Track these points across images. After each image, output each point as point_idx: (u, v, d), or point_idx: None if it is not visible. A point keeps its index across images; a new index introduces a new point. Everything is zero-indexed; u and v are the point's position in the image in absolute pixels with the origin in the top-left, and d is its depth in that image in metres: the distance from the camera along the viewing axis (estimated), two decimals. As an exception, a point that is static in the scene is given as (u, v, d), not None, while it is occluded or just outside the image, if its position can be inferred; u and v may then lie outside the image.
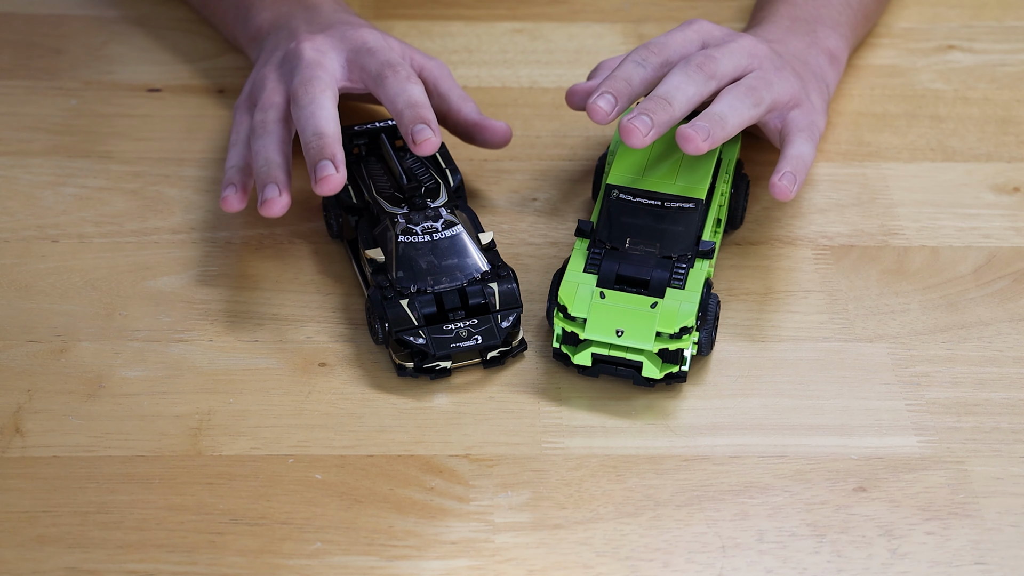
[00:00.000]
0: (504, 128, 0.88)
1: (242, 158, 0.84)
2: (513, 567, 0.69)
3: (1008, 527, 0.71)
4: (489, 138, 0.88)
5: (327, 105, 0.81)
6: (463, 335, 0.77)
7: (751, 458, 0.74)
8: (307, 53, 0.84)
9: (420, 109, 0.80)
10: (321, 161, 0.78)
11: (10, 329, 0.80)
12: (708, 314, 0.77)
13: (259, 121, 0.83)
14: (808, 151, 0.82)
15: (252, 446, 0.74)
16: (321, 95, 0.81)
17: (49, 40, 1.01)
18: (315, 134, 0.79)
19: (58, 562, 0.69)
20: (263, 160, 0.81)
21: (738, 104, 0.80)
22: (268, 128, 0.83)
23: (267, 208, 0.79)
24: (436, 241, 0.79)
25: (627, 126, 0.77)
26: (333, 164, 0.78)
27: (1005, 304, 0.83)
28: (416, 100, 0.81)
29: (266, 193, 0.80)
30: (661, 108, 0.78)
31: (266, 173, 0.81)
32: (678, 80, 0.79)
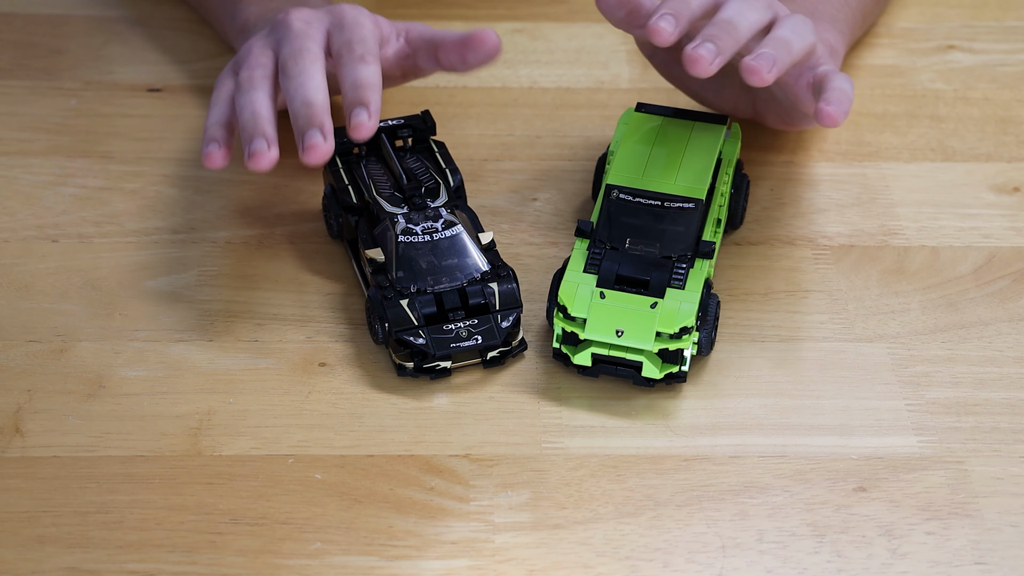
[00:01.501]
0: (492, 35, 0.83)
1: (224, 115, 0.81)
2: (513, 567, 0.70)
3: (1008, 527, 0.71)
4: (480, 46, 0.83)
5: (316, 75, 0.79)
6: (463, 335, 0.77)
7: (751, 458, 0.74)
8: (295, 24, 0.82)
9: (364, 91, 0.78)
10: (309, 130, 0.77)
11: (10, 329, 0.80)
12: (708, 314, 0.77)
13: (244, 78, 0.81)
14: (849, 87, 0.79)
15: (252, 446, 0.74)
16: (311, 66, 0.79)
17: (49, 40, 1.01)
18: (304, 103, 0.78)
19: (58, 562, 0.69)
20: (249, 113, 0.79)
21: (801, 29, 0.77)
22: (254, 83, 0.80)
23: (255, 161, 0.77)
24: (436, 241, 0.79)
25: (692, 55, 0.74)
26: (321, 133, 0.76)
27: (1005, 304, 0.83)
28: (361, 82, 0.78)
29: (253, 146, 0.77)
30: (726, 33, 0.75)
31: (252, 126, 0.78)
32: (739, 6, 0.77)
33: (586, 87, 0.98)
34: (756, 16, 0.77)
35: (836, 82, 0.79)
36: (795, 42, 0.77)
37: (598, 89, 0.98)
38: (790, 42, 0.77)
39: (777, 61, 0.75)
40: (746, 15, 0.77)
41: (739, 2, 0.77)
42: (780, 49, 0.76)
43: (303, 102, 0.78)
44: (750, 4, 0.78)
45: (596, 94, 0.98)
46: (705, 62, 0.74)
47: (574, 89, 0.98)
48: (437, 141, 0.86)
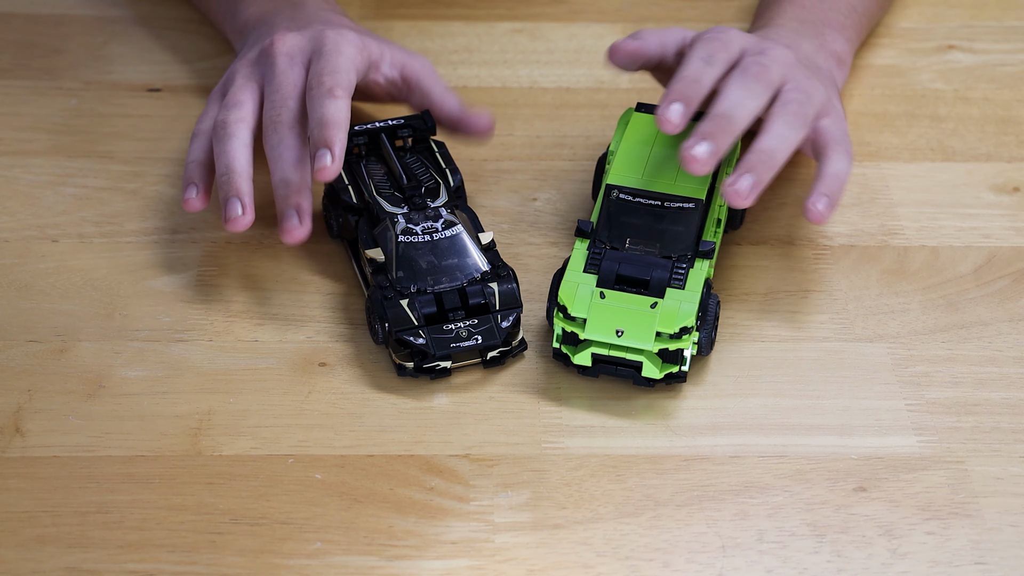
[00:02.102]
0: (486, 120, 0.87)
1: (203, 152, 0.83)
2: (513, 567, 0.70)
3: (1008, 527, 0.71)
4: (472, 130, 0.87)
5: (295, 145, 0.80)
6: (463, 335, 0.77)
7: (751, 458, 0.74)
8: (279, 61, 0.83)
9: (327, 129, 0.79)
10: (287, 210, 0.80)
11: (10, 329, 0.80)
12: (708, 314, 0.77)
13: (220, 121, 0.82)
14: (844, 167, 0.80)
15: (252, 446, 0.74)
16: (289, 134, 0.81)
17: (49, 40, 1.01)
18: (282, 181, 0.80)
19: (58, 562, 0.69)
20: (224, 167, 0.81)
21: (788, 133, 0.77)
22: (229, 130, 0.81)
23: (231, 226, 0.80)
24: (436, 241, 0.79)
25: (687, 156, 0.75)
26: (297, 214, 0.80)
27: (1005, 304, 0.83)
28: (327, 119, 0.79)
29: (227, 211, 0.80)
30: (723, 131, 0.76)
31: (227, 185, 0.80)
32: (738, 94, 0.77)
33: (586, 87, 0.98)
34: (755, 104, 0.77)
35: (831, 165, 0.79)
36: (779, 152, 0.77)
37: (598, 89, 0.98)
38: (775, 152, 0.77)
39: (757, 183, 0.76)
40: (745, 105, 0.77)
41: (739, 89, 0.77)
42: (763, 167, 0.76)
43: (281, 179, 0.80)
44: (750, 91, 0.77)
45: (596, 94, 0.98)
46: (700, 164, 0.75)
47: (574, 89, 0.98)
48: (437, 141, 0.86)
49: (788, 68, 0.80)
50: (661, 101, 0.77)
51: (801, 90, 0.79)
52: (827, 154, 0.80)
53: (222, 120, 0.82)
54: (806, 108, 0.79)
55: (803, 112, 0.79)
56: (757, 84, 0.78)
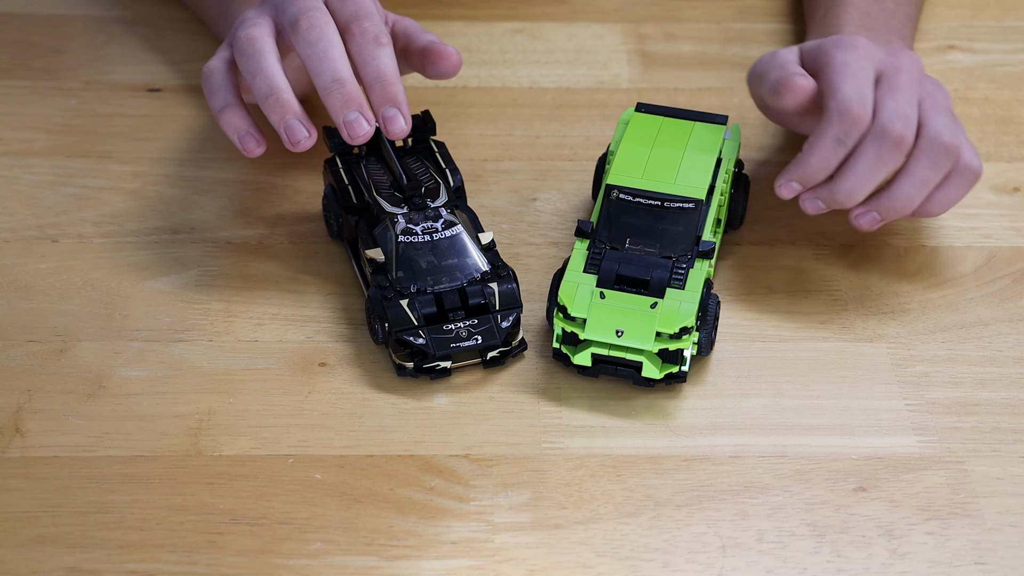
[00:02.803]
0: (453, 53, 0.83)
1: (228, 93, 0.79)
2: (513, 567, 0.69)
3: (1008, 527, 0.71)
4: (437, 63, 0.83)
5: (337, 42, 0.77)
6: (463, 335, 0.77)
7: (751, 458, 0.74)
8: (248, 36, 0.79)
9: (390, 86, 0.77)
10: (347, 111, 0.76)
11: (10, 329, 0.80)
12: (708, 314, 0.77)
13: (246, 36, 0.78)
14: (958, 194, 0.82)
15: (252, 446, 0.74)
16: (329, 30, 0.77)
17: (49, 40, 1.01)
18: (335, 80, 0.76)
19: (58, 562, 0.69)
20: (266, 86, 0.77)
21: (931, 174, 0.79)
22: (258, 45, 0.78)
23: (298, 148, 0.77)
24: (436, 241, 0.79)
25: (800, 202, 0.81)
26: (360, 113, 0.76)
27: (1005, 304, 0.83)
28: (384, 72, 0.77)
29: (293, 134, 0.76)
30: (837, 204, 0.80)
31: (278, 106, 0.76)
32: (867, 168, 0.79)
33: (586, 87, 0.98)
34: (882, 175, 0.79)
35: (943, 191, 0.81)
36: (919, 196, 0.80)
37: (598, 89, 0.98)
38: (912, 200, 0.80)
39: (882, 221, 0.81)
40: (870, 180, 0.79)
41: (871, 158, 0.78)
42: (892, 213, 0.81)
43: (332, 79, 0.76)
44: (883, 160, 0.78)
45: (596, 94, 0.98)
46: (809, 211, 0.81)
47: (574, 89, 0.98)
48: (437, 141, 0.86)
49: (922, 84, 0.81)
50: (781, 175, 0.80)
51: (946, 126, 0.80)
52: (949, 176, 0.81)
53: (247, 35, 0.78)
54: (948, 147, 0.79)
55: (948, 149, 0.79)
56: (893, 153, 0.78)
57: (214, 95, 0.80)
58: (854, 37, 0.81)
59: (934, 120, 0.79)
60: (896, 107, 0.78)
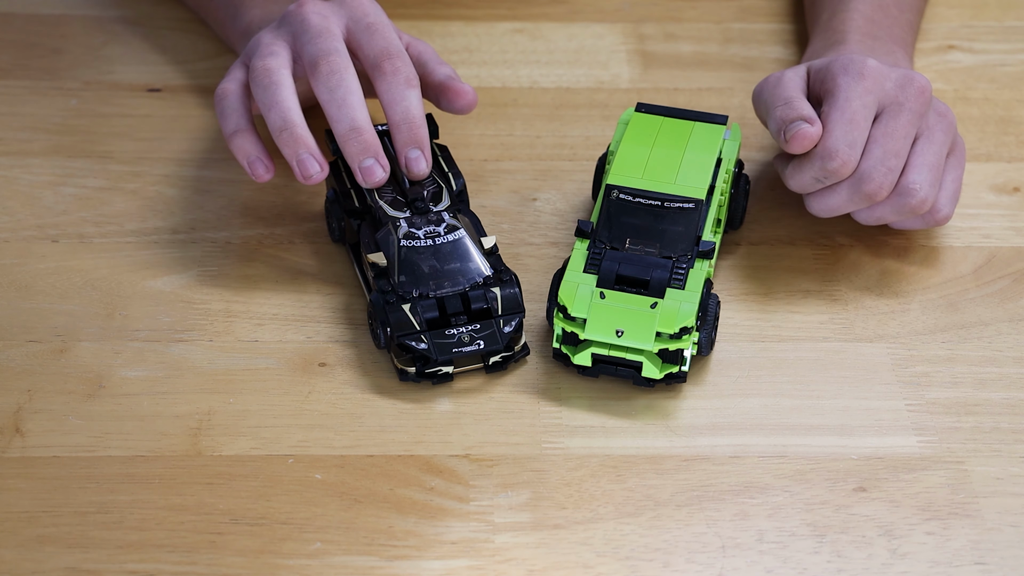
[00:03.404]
0: (469, 91, 0.85)
1: (241, 118, 0.80)
2: (513, 567, 0.69)
3: (1008, 527, 0.71)
4: (454, 101, 0.85)
5: (355, 89, 0.78)
6: (465, 340, 0.77)
7: (751, 458, 0.74)
8: (312, 18, 0.80)
9: (416, 128, 0.79)
10: (364, 158, 0.78)
11: (10, 329, 0.80)
12: (708, 314, 0.77)
13: (262, 68, 0.79)
14: None
15: (252, 446, 0.74)
16: (348, 76, 0.78)
17: (49, 40, 1.01)
18: (352, 128, 0.77)
19: (58, 562, 0.69)
20: (280, 119, 0.78)
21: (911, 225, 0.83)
22: (274, 77, 0.78)
23: (310, 182, 0.78)
24: (438, 245, 0.79)
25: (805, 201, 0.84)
26: (376, 160, 0.78)
27: (1005, 304, 0.83)
28: (413, 116, 0.79)
29: (305, 169, 0.78)
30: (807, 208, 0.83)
31: (292, 140, 0.77)
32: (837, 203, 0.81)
33: (586, 87, 0.98)
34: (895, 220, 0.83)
35: None
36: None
37: (598, 89, 0.98)
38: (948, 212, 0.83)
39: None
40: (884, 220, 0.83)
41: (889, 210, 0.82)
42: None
43: (351, 127, 0.78)
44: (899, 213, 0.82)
45: (596, 94, 0.98)
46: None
47: (574, 89, 0.98)
48: (440, 145, 0.86)
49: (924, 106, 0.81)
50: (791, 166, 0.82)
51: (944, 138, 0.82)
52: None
53: (264, 67, 0.79)
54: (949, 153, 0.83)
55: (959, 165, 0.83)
56: (863, 200, 0.81)
57: (226, 118, 0.81)
58: (864, 61, 0.81)
59: (915, 173, 0.80)
60: (883, 156, 0.79)
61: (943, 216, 0.82)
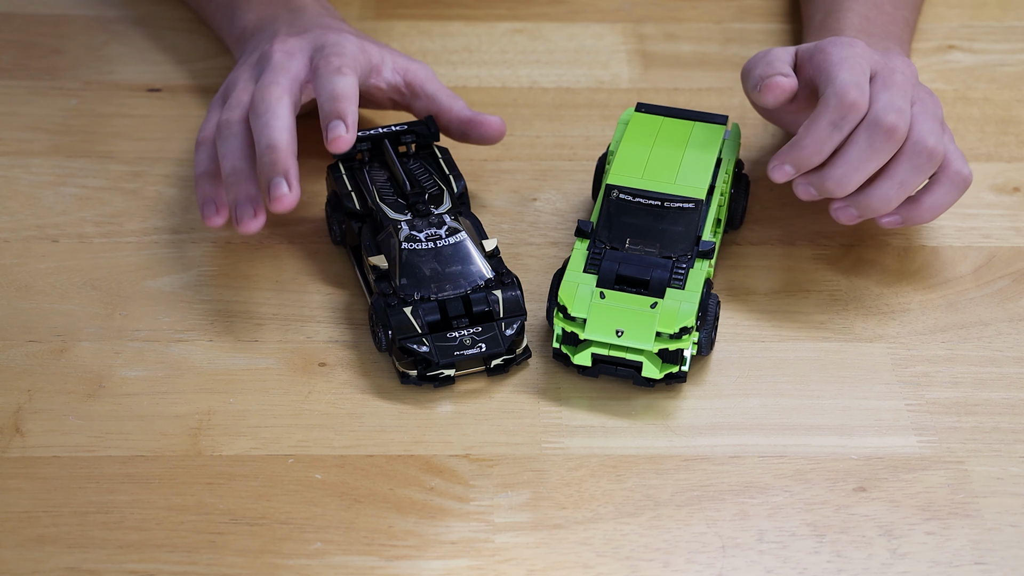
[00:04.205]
0: (498, 122, 0.87)
1: (212, 160, 0.82)
2: (513, 567, 0.69)
3: (1008, 527, 0.71)
4: (485, 133, 0.87)
5: (281, 113, 0.79)
6: (467, 343, 0.76)
7: (751, 458, 0.74)
8: (276, 56, 0.82)
9: (339, 103, 0.78)
10: (274, 178, 0.77)
11: (10, 329, 0.80)
12: (708, 314, 0.77)
13: (224, 121, 0.81)
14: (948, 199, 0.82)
15: (252, 446, 0.74)
16: (277, 103, 0.79)
17: (49, 40, 1.01)
18: (268, 147, 0.78)
19: (58, 562, 0.69)
20: (230, 168, 0.79)
21: (912, 178, 0.80)
22: (233, 130, 0.80)
23: (242, 227, 0.79)
24: (440, 248, 0.79)
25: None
26: (286, 181, 0.77)
27: (1005, 304, 0.83)
28: (338, 93, 0.78)
29: (239, 212, 0.79)
30: (827, 192, 0.79)
31: (235, 184, 0.79)
32: (859, 157, 0.78)
33: (586, 87, 0.98)
34: (873, 166, 0.79)
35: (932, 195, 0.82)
36: (898, 197, 0.80)
37: (598, 89, 0.98)
38: (891, 201, 0.80)
39: (860, 217, 0.81)
40: (861, 169, 0.79)
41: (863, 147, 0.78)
42: (870, 212, 0.81)
43: (267, 145, 0.78)
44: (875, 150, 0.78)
45: (596, 94, 0.98)
46: (800, 196, 0.81)
47: (574, 89, 0.98)
48: (440, 147, 0.86)
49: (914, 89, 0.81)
50: (774, 157, 0.79)
51: (932, 131, 0.79)
52: (937, 179, 0.81)
53: (225, 120, 0.81)
54: (931, 153, 0.79)
55: (932, 155, 0.79)
56: (887, 143, 0.78)
57: (197, 163, 0.83)
58: (852, 39, 0.81)
59: (921, 124, 0.79)
60: (890, 100, 0.78)
61: (966, 174, 0.81)
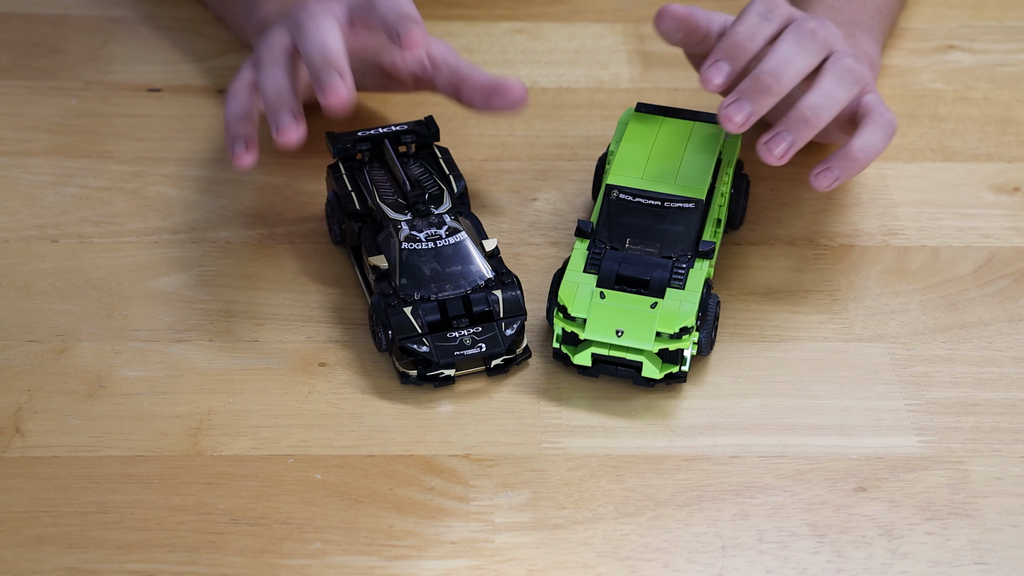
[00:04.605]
0: (519, 86, 0.85)
1: (244, 107, 0.81)
2: (513, 567, 0.70)
3: (1008, 527, 0.71)
4: (507, 99, 0.85)
5: (331, 27, 0.78)
6: (467, 343, 0.76)
7: (751, 458, 0.74)
8: (312, 4, 0.81)
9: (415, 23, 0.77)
10: (327, 73, 0.76)
11: (10, 329, 0.80)
12: (708, 314, 0.77)
13: (264, 53, 0.80)
14: (878, 141, 0.79)
15: (252, 446, 0.74)
16: (324, 20, 0.78)
17: (49, 40, 1.01)
18: (320, 47, 0.77)
19: (58, 562, 0.69)
20: (273, 87, 0.78)
21: (838, 91, 0.77)
22: (275, 58, 0.79)
23: (283, 135, 0.77)
24: (440, 248, 0.79)
25: (724, 114, 0.76)
26: (340, 76, 0.76)
27: (1005, 304, 0.83)
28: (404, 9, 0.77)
29: (281, 121, 0.77)
30: (765, 90, 0.76)
31: (278, 100, 0.78)
32: (789, 51, 0.76)
33: (586, 87, 0.98)
34: (805, 63, 0.77)
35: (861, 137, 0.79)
36: (828, 107, 0.77)
37: (598, 89, 0.98)
38: (820, 110, 0.77)
39: (794, 143, 0.76)
40: (794, 63, 0.77)
41: (791, 44, 0.77)
42: (802, 126, 0.76)
43: (319, 47, 0.77)
44: (803, 47, 0.77)
45: (596, 94, 0.98)
46: (735, 124, 0.76)
47: (574, 89, 0.98)
48: (440, 147, 0.86)
49: (839, 39, 0.80)
50: (707, 59, 0.78)
51: (853, 56, 0.79)
52: (864, 123, 0.79)
53: (265, 52, 0.80)
54: (857, 72, 0.78)
55: (856, 73, 0.78)
56: (812, 42, 0.77)
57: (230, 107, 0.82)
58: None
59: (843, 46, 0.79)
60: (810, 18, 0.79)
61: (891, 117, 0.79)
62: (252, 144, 0.80)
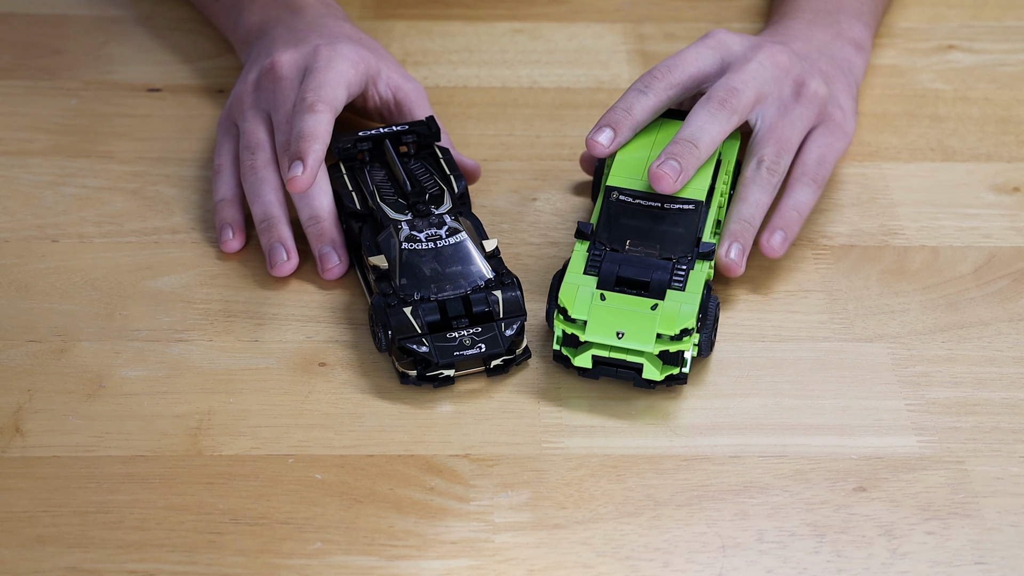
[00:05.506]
0: (474, 166, 0.89)
1: (230, 189, 0.86)
2: (513, 567, 0.70)
3: (1008, 527, 0.71)
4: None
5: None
6: (467, 343, 0.76)
7: (751, 458, 0.74)
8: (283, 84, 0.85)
9: (303, 142, 0.81)
10: (323, 248, 0.82)
11: (10, 329, 0.80)
12: (708, 316, 0.77)
13: (249, 166, 0.84)
14: (806, 200, 0.83)
15: (252, 446, 0.74)
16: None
17: (49, 40, 1.01)
18: (311, 217, 0.82)
19: (58, 562, 0.69)
20: (263, 214, 0.83)
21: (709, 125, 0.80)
22: (259, 173, 0.84)
23: (277, 271, 0.82)
24: (440, 248, 0.79)
25: (655, 172, 0.78)
26: (335, 252, 0.82)
27: (1005, 304, 0.83)
28: (303, 132, 0.81)
29: (274, 257, 0.82)
30: (687, 151, 0.78)
31: (268, 230, 0.83)
32: (701, 120, 0.79)
33: (586, 87, 0.98)
34: (718, 129, 0.80)
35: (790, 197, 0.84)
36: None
37: (598, 89, 0.98)
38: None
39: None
40: (708, 130, 0.80)
41: (702, 115, 0.80)
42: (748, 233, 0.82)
43: (310, 216, 0.83)
44: (713, 117, 0.80)
45: (596, 94, 0.98)
46: (669, 180, 0.78)
47: (574, 89, 0.98)
48: (441, 147, 0.86)
49: (774, 82, 0.82)
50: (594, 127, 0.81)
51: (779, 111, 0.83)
52: (790, 184, 0.84)
53: (251, 165, 0.84)
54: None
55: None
56: (721, 110, 0.80)
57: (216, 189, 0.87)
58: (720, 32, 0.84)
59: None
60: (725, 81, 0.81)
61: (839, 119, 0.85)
62: (239, 231, 0.84)
